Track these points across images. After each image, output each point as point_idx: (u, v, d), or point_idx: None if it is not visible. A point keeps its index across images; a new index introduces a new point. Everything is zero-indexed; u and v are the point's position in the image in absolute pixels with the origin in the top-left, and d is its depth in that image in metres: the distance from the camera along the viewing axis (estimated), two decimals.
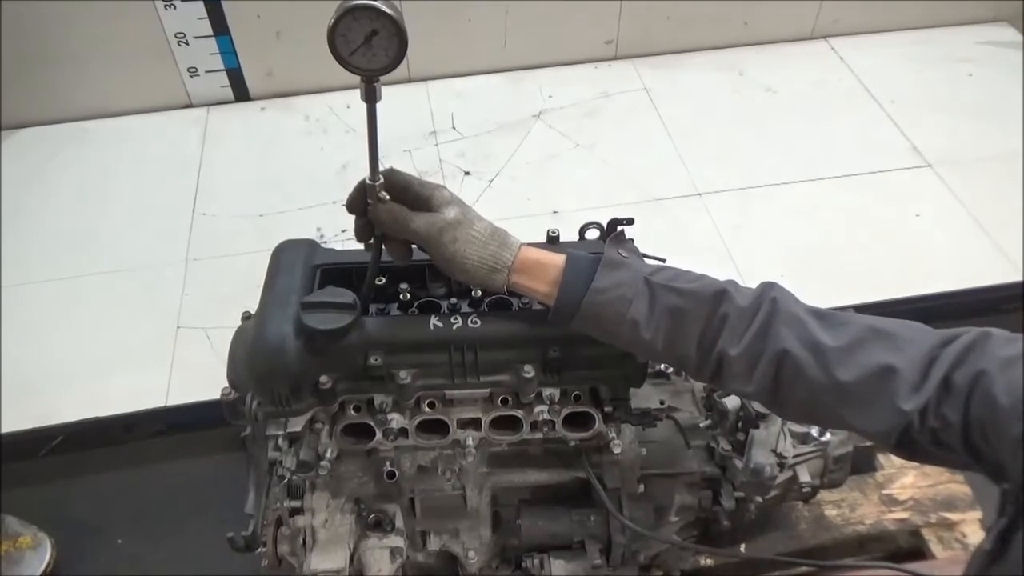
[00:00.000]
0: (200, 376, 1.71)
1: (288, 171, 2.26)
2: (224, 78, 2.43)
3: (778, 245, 2.01)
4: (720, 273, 0.90)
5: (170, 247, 2.04)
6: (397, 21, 0.74)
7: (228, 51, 2.36)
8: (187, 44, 2.32)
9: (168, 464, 1.72)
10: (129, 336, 1.84)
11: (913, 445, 0.76)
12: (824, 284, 1.88)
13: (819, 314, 0.84)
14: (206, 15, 2.27)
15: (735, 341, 0.84)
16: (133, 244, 2.06)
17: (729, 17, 2.56)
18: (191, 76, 2.40)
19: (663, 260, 1.04)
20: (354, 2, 0.72)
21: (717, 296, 0.86)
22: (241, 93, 2.47)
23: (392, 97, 2.63)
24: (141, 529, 1.60)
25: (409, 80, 2.52)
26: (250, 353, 0.93)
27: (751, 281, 0.88)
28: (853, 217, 2.08)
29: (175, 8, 2.24)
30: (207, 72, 2.40)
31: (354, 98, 0.81)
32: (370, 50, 0.75)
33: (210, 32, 2.31)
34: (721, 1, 2.50)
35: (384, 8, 0.73)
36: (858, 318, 0.82)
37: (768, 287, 0.87)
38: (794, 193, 2.16)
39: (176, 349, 1.82)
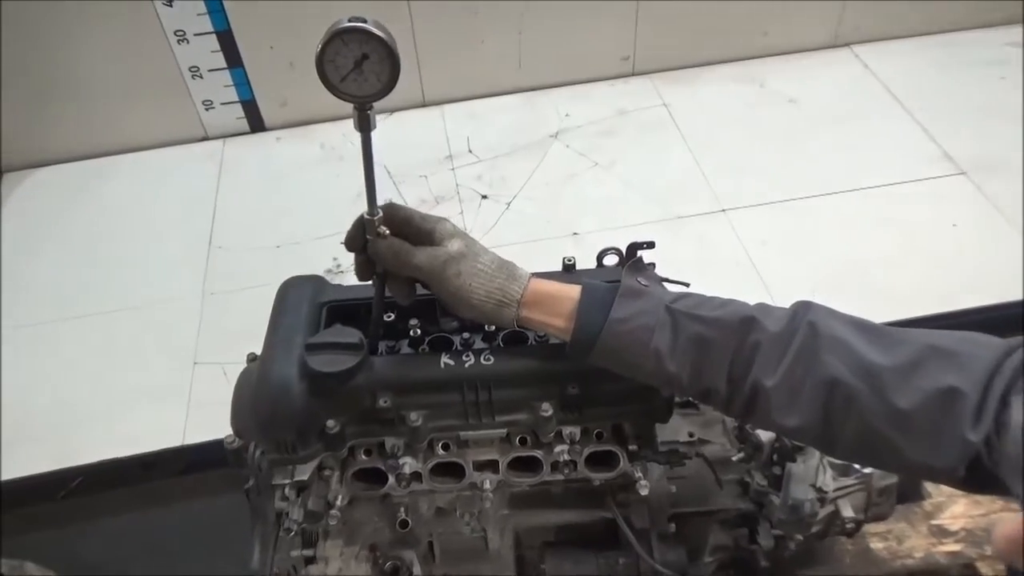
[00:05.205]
0: (217, 413, 1.67)
1: (304, 200, 2.24)
2: (239, 110, 2.43)
3: (808, 261, 1.94)
4: (748, 290, 0.84)
5: (186, 281, 2.03)
6: (388, 44, 0.69)
7: (242, 83, 2.36)
8: (201, 77, 2.32)
9: (187, 503, 1.68)
10: (146, 373, 1.82)
11: (984, 477, 0.68)
12: (858, 300, 1.78)
13: (866, 328, 0.76)
14: (219, 48, 2.28)
15: (770, 371, 0.77)
16: (149, 279, 2.05)
17: (748, 28, 2.50)
18: (206, 109, 2.40)
19: (687, 284, 0.98)
20: (342, 25, 0.68)
21: (745, 323, 0.80)
22: (256, 124, 2.47)
23: (407, 121, 2.61)
24: (160, 571, 1.56)
25: (424, 104, 2.50)
26: (253, 397, 0.89)
27: (781, 299, 0.82)
28: (886, 229, 2.00)
29: (188, 42, 2.24)
30: (222, 104, 2.40)
31: None
32: (361, 75, 0.71)
33: (224, 65, 2.31)
34: (739, 12, 2.45)
35: (374, 30, 0.69)
36: (913, 334, 0.74)
37: (803, 309, 0.80)
38: (822, 206, 2.09)
39: (193, 385, 1.79)
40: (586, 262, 1.07)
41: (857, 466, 1.10)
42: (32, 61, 2.20)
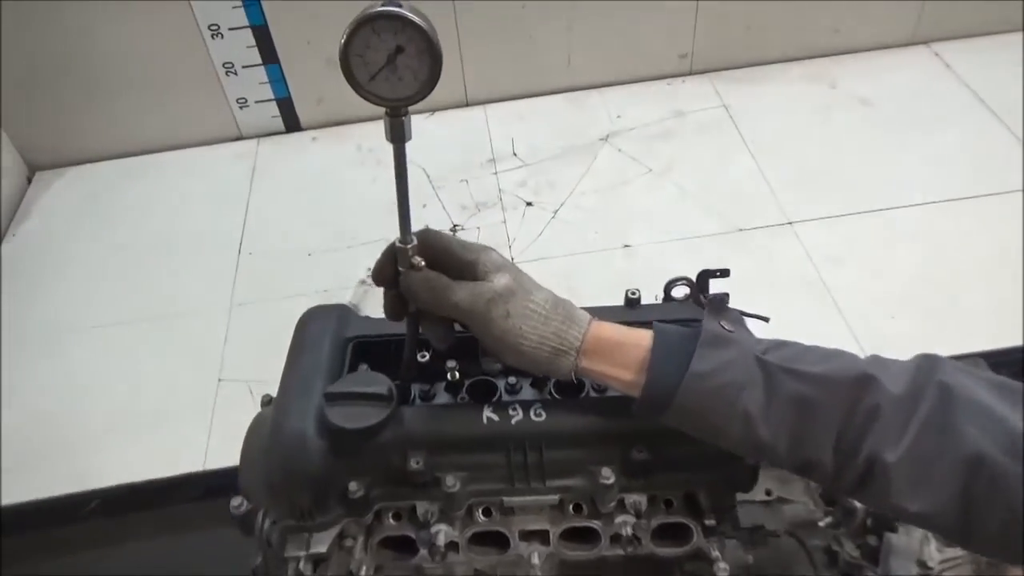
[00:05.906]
0: (241, 436, 1.57)
1: (339, 205, 2.12)
2: (274, 108, 2.32)
3: (884, 280, 1.75)
4: (818, 313, 0.70)
5: (214, 290, 1.92)
6: (428, 34, 0.55)
7: (278, 80, 2.26)
8: (235, 74, 2.22)
9: (207, 531, 1.57)
10: (168, 390, 1.71)
11: None
12: (941, 325, 1.62)
13: (1011, 391, 0.62)
14: (255, 43, 2.17)
15: (892, 442, 0.63)
16: (176, 286, 1.94)
17: (817, 23, 2.32)
18: (240, 107, 2.30)
19: (766, 320, 0.83)
20: (373, 10, 0.55)
21: (860, 381, 0.65)
22: (292, 123, 2.36)
23: (448, 122, 2.45)
24: None
25: (466, 104, 2.36)
26: (264, 454, 0.76)
27: (854, 323, 0.67)
28: (972, 246, 1.81)
29: (222, 37, 2.14)
30: (256, 102, 2.30)
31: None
32: (395, 73, 0.57)
33: (259, 61, 2.21)
34: (808, 6, 2.27)
35: (412, 17, 0.55)
36: None
37: (929, 364, 0.65)
38: (900, 219, 1.90)
39: (216, 404, 1.68)
40: (638, 277, 0.93)
41: None
42: (63, 57, 2.12)
